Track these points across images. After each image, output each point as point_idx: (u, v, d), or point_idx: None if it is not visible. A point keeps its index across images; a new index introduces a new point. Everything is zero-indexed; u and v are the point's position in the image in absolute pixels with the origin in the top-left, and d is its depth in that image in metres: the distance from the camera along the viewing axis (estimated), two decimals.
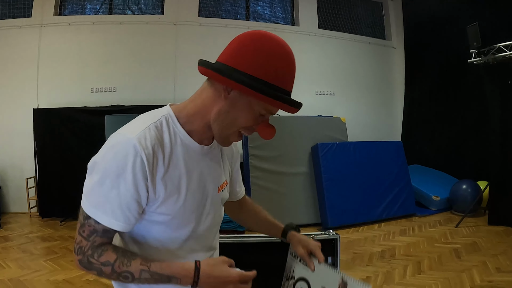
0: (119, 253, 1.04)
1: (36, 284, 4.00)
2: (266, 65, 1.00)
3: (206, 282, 0.99)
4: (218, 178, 1.23)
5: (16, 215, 7.20)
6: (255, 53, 1.00)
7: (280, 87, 1.01)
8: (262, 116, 1.08)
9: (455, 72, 8.05)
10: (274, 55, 1.01)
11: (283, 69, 1.02)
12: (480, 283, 3.88)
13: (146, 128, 1.04)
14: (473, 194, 6.60)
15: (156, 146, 1.03)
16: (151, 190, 1.03)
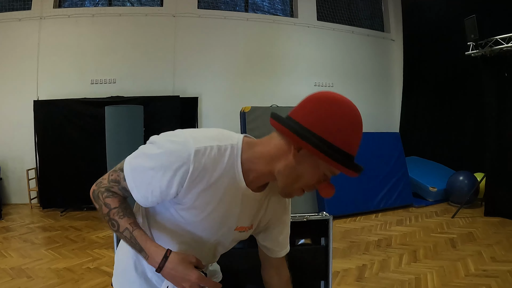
0: (122, 206, 1.13)
1: (38, 272, 4.06)
2: (338, 131, 1.02)
3: (168, 272, 1.04)
4: (244, 219, 1.23)
5: (17, 206, 7.27)
6: (331, 118, 1.02)
7: (347, 152, 1.03)
8: (325, 176, 1.09)
9: (453, 64, 8.09)
10: (348, 122, 1.04)
11: (353, 136, 1.05)
12: (474, 271, 3.94)
13: (210, 146, 1.08)
14: (470, 185, 6.65)
15: (207, 165, 1.07)
16: (181, 195, 1.09)
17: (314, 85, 8.81)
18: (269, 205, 1.27)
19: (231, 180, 1.12)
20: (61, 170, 7.04)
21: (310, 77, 8.77)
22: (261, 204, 1.25)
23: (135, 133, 6.14)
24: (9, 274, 3.99)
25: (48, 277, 3.93)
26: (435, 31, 8.54)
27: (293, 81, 8.54)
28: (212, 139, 1.10)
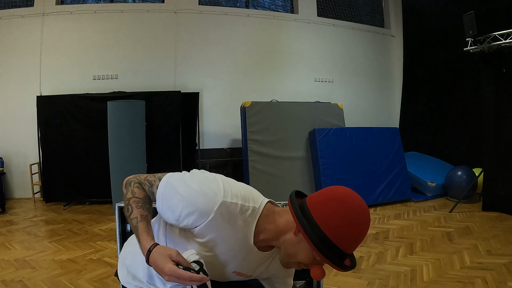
0: (144, 200, 1.25)
1: (41, 263, 4.13)
2: (341, 230, 1.11)
3: (152, 263, 1.11)
4: (244, 268, 1.35)
5: (20, 201, 7.38)
6: (336, 214, 1.12)
7: (342, 250, 1.12)
8: (317, 260, 1.18)
9: (452, 60, 8.12)
10: (353, 224, 1.12)
11: (354, 237, 1.13)
12: (470, 264, 3.99)
13: (235, 203, 1.21)
14: (468, 180, 6.70)
15: (225, 219, 1.20)
16: (195, 230, 1.22)
17: (314, 80, 8.86)
18: (271, 264, 1.39)
19: (243, 236, 1.25)
20: (64, 164, 7.10)
21: (310, 72, 8.83)
22: (263, 261, 1.36)
23: (137, 128, 6.24)
24: (13, 265, 4.06)
25: (51, 268, 4.00)
26: (435, 27, 8.58)
27: (293, 77, 8.60)
28: (239, 198, 1.23)
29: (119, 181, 6.17)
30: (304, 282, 1.84)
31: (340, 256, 1.12)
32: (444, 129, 8.56)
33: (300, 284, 1.84)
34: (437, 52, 8.63)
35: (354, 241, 1.13)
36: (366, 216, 1.15)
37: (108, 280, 3.70)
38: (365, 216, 1.14)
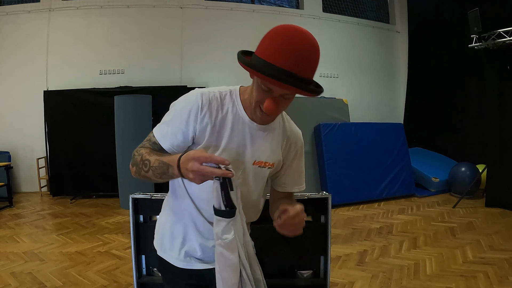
0: (152, 151, 1.31)
1: (50, 255, 4.21)
2: (266, 45, 1.14)
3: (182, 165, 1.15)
4: (261, 155, 1.37)
5: (27, 195, 7.45)
6: (264, 37, 1.17)
7: (274, 64, 1.12)
8: (269, 92, 1.19)
9: (456, 56, 8.14)
10: (275, 36, 1.13)
11: (278, 48, 1.12)
12: (472, 258, 4.05)
13: (213, 91, 1.33)
14: (472, 176, 6.74)
15: (212, 104, 1.31)
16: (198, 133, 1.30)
17: (320, 76, 8.84)
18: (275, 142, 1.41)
19: (236, 116, 1.33)
20: (70, 158, 7.20)
21: None
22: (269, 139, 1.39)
23: (144, 122, 6.28)
24: (22, 257, 4.13)
25: (60, 260, 4.07)
26: (440, 24, 8.57)
27: None
28: (214, 88, 1.35)
29: (125, 175, 6.24)
30: (311, 272, 1.90)
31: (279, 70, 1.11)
32: (448, 125, 8.57)
33: (307, 274, 1.90)
34: (442, 48, 8.63)
35: (284, 52, 1.11)
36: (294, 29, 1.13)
37: (116, 272, 3.77)
38: (293, 29, 1.13)
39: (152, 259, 1.91)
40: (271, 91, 1.19)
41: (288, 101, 1.25)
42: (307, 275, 1.88)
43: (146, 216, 1.87)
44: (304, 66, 1.14)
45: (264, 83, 1.18)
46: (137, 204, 1.84)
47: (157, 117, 6.51)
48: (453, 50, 8.19)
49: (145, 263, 1.90)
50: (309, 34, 1.15)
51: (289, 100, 1.25)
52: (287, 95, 1.21)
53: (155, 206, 1.80)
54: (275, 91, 1.19)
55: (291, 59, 1.12)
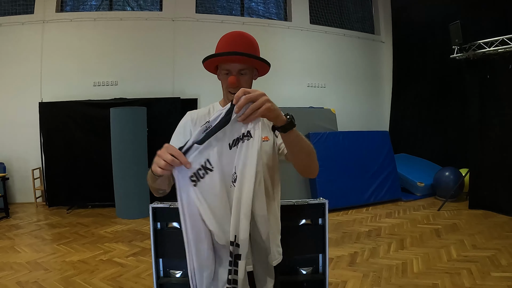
0: None
1: (53, 265, 4.31)
2: (216, 46, 1.57)
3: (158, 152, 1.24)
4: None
5: (22, 205, 7.50)
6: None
7: (217, 52, 1.53)
8: (229, 74, 1.54)
9: (439, 66, 8.41)
10: (221, 38, 1.56)
11: (220, 42, 1.56)
12: (456, 257, 4.29)
13: (200, 109, 1.68)
14: (455, 180, 6.98)
15: (200, 115, 1.62)
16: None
17: (307, 86, 9.07)
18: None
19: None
20: (66, 169, 7.27)
21: (303, 78, 9.03)
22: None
23: (139, 133, 6.42)
24: (26, 267, 4.22)
25: (64, 269, 4.17)
26: (423, 34, 8.85)
27: (287, 82, 8.75)
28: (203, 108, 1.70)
29: (121, 185, 6.40)
30: (311, 268, 2.12)
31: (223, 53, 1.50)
32: (432, 131, 8.83)
33: (308, 270, 2.12)
34: (425, 58, 8.91)
35: (221, 43, 1.54)
36: (233, 31, 1.59)
37: (121, 278, 3.90)
38: (233, 31, 1.59)
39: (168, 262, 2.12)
40: (229, 71, 1.54)
41: (245, 77, 1.55)
42: (307, 271, 2.11)
43: (163, 223, 2.07)
44: (241, 44, 1.52)
45: (223, 68, 1.55)
46: (155, 212, 2.05)
47: (151, 128, 6.65)
48: (436, 60, 8.45)
49: (162, 265, 2.10)
50: (243, 32, 1.59)
51: (245, 76, 1.55)
52: (243, 70, 1.53)
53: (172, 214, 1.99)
54: (231, 69, 1.53)
55: (229, 42, 1.53)
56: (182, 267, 2.06)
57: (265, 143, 1.56)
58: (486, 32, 6.27)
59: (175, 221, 2.02)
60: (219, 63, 1.57)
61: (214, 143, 1.24)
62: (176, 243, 1.91)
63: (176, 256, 2.05)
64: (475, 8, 7.09)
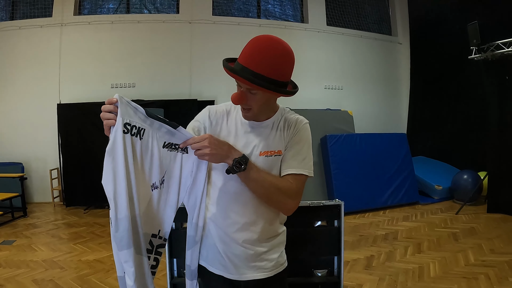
0: None
1: (69, 263, 4.36)
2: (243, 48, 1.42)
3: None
4: (265, 146, 1.52)
5: (40, 205, 7.58)
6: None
7: (238, 61, 1.41)
8: (238, 86, 1.46)
9: (457, 67, 8.29)
10: (249, 41, 1.41)
11: (245, 47, 1.41)
12: (474, 261, 4.23)
13: (220, 105, 1.65)
14: (473, 183, 6.87)
15: (218, 112, 1.59)
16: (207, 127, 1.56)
17: (324, 88, 9.01)
18: (278, 133, 1.56)
19: (239, 120, 1.57)
20: (83, 169, 7.31)
21: (320, 80, 8.97)
22: (272, 133, 1.56)
23: None
24: (42, 265, 4.28)
25: (80, 268, 4.22)
26: (441, 35, 8.74)
27: (304, 85, 8.57)
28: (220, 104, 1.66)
29: None
30: (326, 271, 2.09)
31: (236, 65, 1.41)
32: (450, 134, 8.71)
33: (323, 272, 2.09)
34: (443, 59, 8.77)
35: (244, 50, 1.41)
36: (264, 36, 1.41)
37: None
38: (263, 36, 1.41)
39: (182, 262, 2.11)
40: (238, 85, 1.45)
41: (255, 97, 1.43)
42: (322, 273, 2.09)
43: (178, 223, 2.07)
44: (258, 61, 1.35)
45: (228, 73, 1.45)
46: None
47: None
48: (454, 61, 8.33)
49: (176, 266, 2.10)
50: (277, 39, 1.41)
51: (255, 95, 1.42)
52: (252, 90, 1.41)
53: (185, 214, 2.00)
54: (241, 85, 1.43)
55: (248, 52, 1.38)
56: None
57: (278, 157, 1.55)
58: (504, 32, 6.17)
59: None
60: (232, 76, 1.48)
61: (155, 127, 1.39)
62: None
63: None
64: (493, 8, 6.97)
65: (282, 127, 1.58)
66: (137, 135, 1.34)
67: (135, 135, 1.33)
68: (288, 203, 1.49)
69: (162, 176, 1.42)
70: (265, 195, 1.47)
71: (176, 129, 1.38)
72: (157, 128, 1.38)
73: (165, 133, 1.39)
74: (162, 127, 1.38)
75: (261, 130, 1.55)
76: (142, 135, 1.35)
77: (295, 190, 1.49)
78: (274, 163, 1.53)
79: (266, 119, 1.57)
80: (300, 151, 1.55)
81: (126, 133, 1.31)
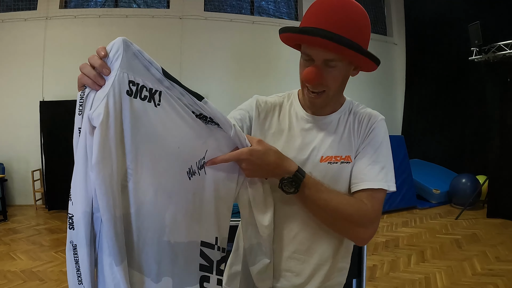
0: None
1: (49, 275, 4.09)
2: (305, 15, 1.13)
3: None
4: (328, 149, 1.20)
5: (21, 208, 7.27)
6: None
7: (305, 25, 1.10)
8: (310, 61, 1.12)
9: (455, 68, 8.21)
10: (311, 5, 1.12)
11: (309, 11, 1.12)
12: (481, 271, 4.09)
13: (271, 96, 1.35)
14: (472, 187, 6.79)
15: (269, 104, 1.30)
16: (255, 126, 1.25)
17: None
18: (346, 132, 1.24)
19: (294, 113, 1.27)
20: (67, 171, 6.90)
21: None
22: (338, 131, 1.23)
23: None
24: (21, 277, 4.02)
25: (61, 279, 3.95)
26: (438, 36, 8.67)
27: (299, 84, 8.51)
28: (275, 95, 1.38)
29: None
30: None
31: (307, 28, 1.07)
32: (447, 136, 8.66)
33: None
34: (440, 60, 8.70)
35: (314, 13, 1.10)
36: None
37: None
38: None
39: None
40: (312, 59, 1.11)
41: (332, 72, 1.12)
42: None
43: None
44: (334, 21, 1.05)
45: (304, 51, 1.13)
46: None
47: None
48: (451, 62, 8.27)
49: None
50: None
51: (334, 70, 1.12)
52: (331, 62, 1.09)
53: None
54: (315, 57, 1.10)
55: (317, 15, 1.08)
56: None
57: (346, 165, 1.20)
58: (506, 33, 6.11)
59: None
60: (299, 42, 1.15)
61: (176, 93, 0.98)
62: None
63: None
64: (495, 7, 6.88)
65: (352, 124, 1.24)
66: (151, 99, 0.93)
67: (146, 99, 0.92)
68: (360, 233, 1.15)
69: (201, 158, 1.00)
70: (329, 221, 1.14)
71: (201, 101, 0.98)
72: (180, 95, 0.97)
73: (193, 103, 0.99)
74: (185, 95, 0.98)
75: (324, 126, 1.23)
76: (159, 100, 0.94)
77: (371, 213, 1.12)
78: (341, 172, 1.19)
79: (331, 112, 1.26)
80: (377, 157, 1.18)
81: (130, 95, 0.89)
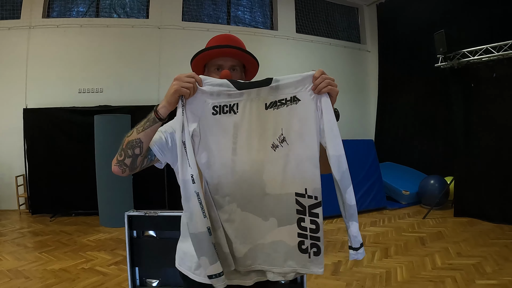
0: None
1: (35, 273, 4.23)
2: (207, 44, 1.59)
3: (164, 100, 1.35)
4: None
5: (5, 212, 7.37)
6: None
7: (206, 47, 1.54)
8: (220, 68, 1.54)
9: (424, 75, 8.49)
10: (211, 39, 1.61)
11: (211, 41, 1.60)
12: (440, 265, 4.30)
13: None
14: (440, 188, 7.02)
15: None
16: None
17: None
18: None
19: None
20: (50, 176, 7.19)
21: None
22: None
23: None
24: (7, 275, 4.15)
25: (45, 277, 4.10)
26: (408, 43, 8.95)
27: None
28: None
29: (105, 193, 6.34)
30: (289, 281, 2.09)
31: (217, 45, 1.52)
32: (417, 140, 8.91)
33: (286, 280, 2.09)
34: (411, 67, 8.97)
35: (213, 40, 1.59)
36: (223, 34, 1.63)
37: (102, 287, 3.86)
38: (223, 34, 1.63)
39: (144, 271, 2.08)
40: (221, 66, 1.53)
41: (237, 74, 1.55)
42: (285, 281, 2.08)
43: (139, 231, 2.04)
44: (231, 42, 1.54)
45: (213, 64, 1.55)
46: (131, 220, 2.01)
47: None
48: (421, 69, 8.51)
49: (138, 274, 2.06)
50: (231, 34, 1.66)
51: (237, 73, 1.55)
52: (234, 66, 1.54)
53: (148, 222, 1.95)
54: (223, 64, 1.53)
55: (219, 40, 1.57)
56: (159, 276, 2.03)
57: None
58: (470, 41, 6.35)
59: (151, 229, 1.99)
60: (210, 59, 1.55)
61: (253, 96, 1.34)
62: (153, 252, 1.89)
63: (152, 265, 2.01)
64: (459, 17, 7.18)
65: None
66: (230, 111, 1.32)
67: (227, 112, 1.32)
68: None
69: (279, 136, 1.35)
70: None
71: (271, 84, 1.35)
72: (256, 95, 1.34)
73: (268, 93, 1.35)
74: (261, 92, 1.34)
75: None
76: (237, 110, 1.32)
77: None
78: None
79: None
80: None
81: (215, 114, 1.31)
